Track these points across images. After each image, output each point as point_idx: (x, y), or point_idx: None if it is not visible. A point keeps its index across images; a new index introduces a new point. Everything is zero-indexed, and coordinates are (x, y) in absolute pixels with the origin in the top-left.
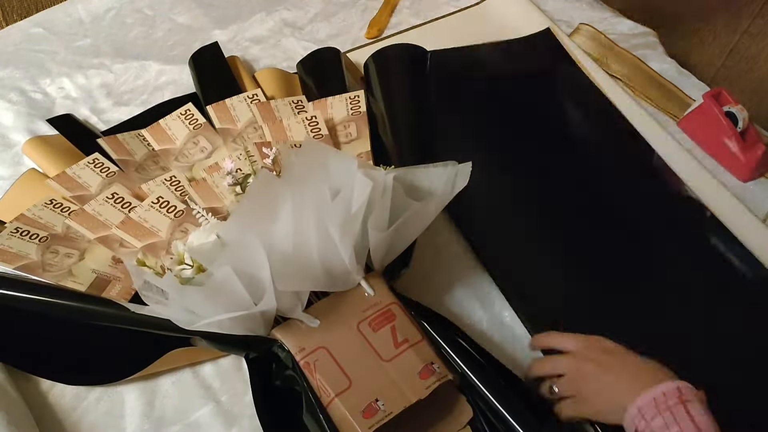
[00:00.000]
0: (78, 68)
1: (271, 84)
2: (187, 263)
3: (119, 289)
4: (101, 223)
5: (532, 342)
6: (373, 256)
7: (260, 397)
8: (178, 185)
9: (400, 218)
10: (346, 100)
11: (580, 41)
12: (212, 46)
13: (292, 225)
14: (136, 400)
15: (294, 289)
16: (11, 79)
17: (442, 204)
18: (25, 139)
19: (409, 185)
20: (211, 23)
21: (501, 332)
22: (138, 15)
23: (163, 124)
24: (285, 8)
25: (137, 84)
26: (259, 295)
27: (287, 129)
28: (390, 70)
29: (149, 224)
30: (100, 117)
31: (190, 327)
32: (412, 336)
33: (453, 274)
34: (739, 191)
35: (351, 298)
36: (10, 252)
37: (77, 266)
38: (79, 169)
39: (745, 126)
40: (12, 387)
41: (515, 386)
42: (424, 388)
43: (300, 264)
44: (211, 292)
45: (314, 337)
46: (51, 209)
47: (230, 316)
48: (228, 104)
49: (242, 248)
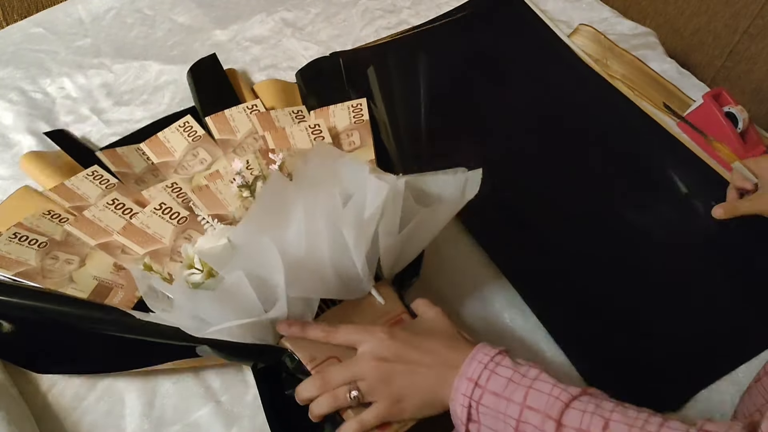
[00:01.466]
0: (78, 68)
1: (271, 95)
2: (196, 267)
3: (122, 297)
4: (102, 229)
5: (283, 330)
6: (383, 263)
7: (271, 409)
8: (180, 192)
9: (411, 223)
10: (348, 109)
11: (580, 41)
12: (210, 58)
13: (305, 229)
14: (136, 399)
15: (306, 296)
16: (11, 79)
17: (453, 211)
18: (25, 139)
19: (418, 192)
20: (212, 23)
21: (511, 337)
22: (138, 15)
23: (161, 137)
24: (285, 9)
25: (137, 84)
26: (270, 302)
27: (290, 137)
28: (390, 75)
29: (152, 230)
30: (101, 117)
31: (199, 335)
32: None
33: (459, 282)
34: None
35: (361, 306)
36: (8, 258)
37: (78, 273)
38: (78, 180)
39: (745, 126)
40: (12, 387)
41: None
42: None
43: (312, 269)
44: (223, 297)
45: (324, 347)
46: (49, 219)
47: (241, 323)
48: (227, 115)
49: (256, 252)
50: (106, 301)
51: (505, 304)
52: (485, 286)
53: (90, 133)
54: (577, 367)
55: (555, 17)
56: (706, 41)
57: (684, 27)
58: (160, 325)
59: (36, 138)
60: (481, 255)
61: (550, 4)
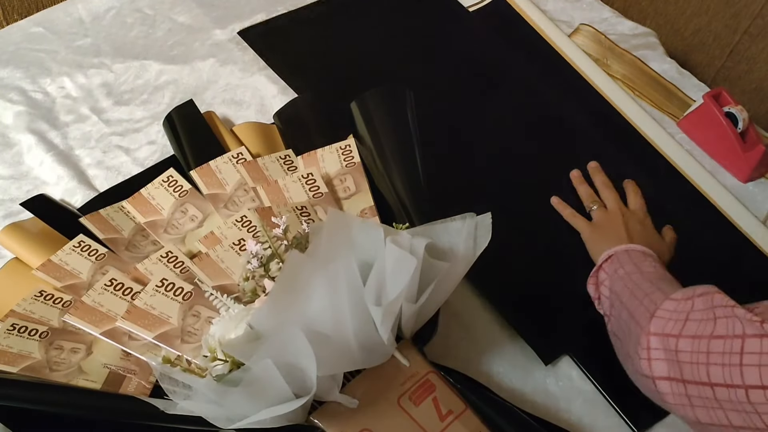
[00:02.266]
0: (78, 68)
1: (252, 138)
2: (220, 359)
3: (136, 384)
4: (104, 315)
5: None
6: (403, 327)
7: None
8: (177, 261)
9: (431, 285)
10: (337, 151)
11: (580, 41)
12: (188, 104)
13: (329, 306)
14: None
15: (333, 372)
16: (11, 79)
17: (469, 264)
18: (25, 139)
19: (430, 245)
20: (212, 23)
21: (533, 388)
22: (138, 14)
23: (145, 194)
24: (285, 9)
25: (137, 83)
26: (298, 384)
27: (284, 190)
28: (373, 115)
29: (157, 311)
30: (101, 116)
31: (229, 426)
32: (456, 406)
33: (473, 333)
34: (739, 192)
35: (386, 371)
36: (10, 353)
37: (87, 362)
38: (65, 254)
39: (745, 126)
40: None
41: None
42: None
43: (338, 345)
44: (252, 390)
45: (356, 419)
46: (42, 302)
47: (274, 414)
48: (213, 167)
49: (282, 339)
50: (120, 389)
51: (533, 360)
52: (511, 344)
53: (90, 133)
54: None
55: (555, 17)
56: (707, 41)
57: (684, 27)
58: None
59: (36, 137)
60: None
61: (550, 4)
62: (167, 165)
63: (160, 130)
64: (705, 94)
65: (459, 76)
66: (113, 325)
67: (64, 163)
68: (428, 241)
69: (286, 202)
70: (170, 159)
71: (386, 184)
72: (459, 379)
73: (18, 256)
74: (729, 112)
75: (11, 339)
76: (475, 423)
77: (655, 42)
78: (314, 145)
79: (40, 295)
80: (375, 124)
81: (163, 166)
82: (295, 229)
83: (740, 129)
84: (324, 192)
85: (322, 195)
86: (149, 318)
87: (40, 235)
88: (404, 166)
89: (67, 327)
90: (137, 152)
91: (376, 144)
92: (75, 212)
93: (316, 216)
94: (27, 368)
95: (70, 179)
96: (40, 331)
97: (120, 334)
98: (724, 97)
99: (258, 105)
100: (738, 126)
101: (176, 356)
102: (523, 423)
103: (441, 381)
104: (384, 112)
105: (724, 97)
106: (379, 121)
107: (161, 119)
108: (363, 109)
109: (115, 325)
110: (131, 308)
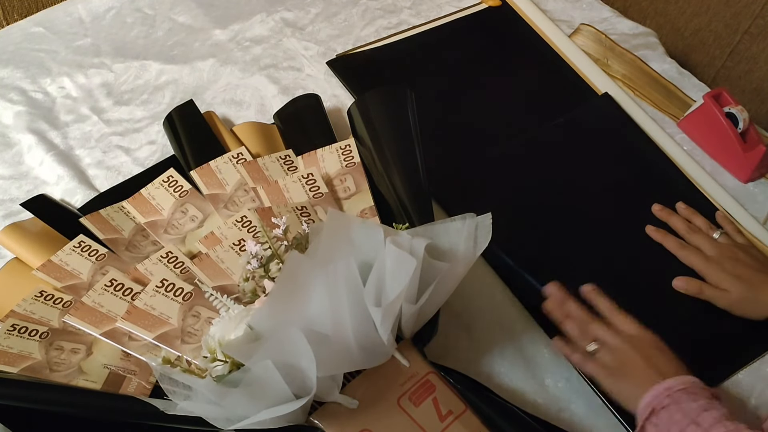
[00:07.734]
0: (78, 68)
1: (252, 139)
2: (219, 359)
3: (136, 385)
4: (104, 316)
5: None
6: (403, 327)
7: None
8: (177, 261)
9: (431, 285)
10: (337, 151)
11: (580, 41)
12: (188, 104)
13: (329, 307)
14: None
15: (333, 373)
16: (11, 79)
17: (469, 264)
18: (25, 139)
19: (430, 245)
20: (212, 23)
21: (533, 388)
22: (138, 14)
23: (145, 194)
24: (286, 8)
25: (137, 83)
26: (297, 384)
27: (284, 190)
28: (373, 115)
29: (157, 311)
30: (101, 116)
31: (229, 427)
32: (456, 407)
33: (473, 333)
34: (740, 192)
35: (386, 371)
36: (10, 353)
37: (87, 362)
38: (66, 255)
39: (745, 127)
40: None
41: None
42: None
43: (338, 346)
44: (252, 391)
45: (356, 420)
46: (42, 302)
47: (274, 415)
48: (213, 167)
49: (282, 340)
50: (120, 390)
51: (537, 361)
52: (511, 342)
53: (90, 133)
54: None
55: (555, 17)
56: (707, 41)
57: (684, 27)
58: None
59: (36, 137)
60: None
61: (550, 4)
62: (167, 165)
63: (160, 130)
64: (705, 95)
65: (459, 76)
66: (113, 326)
67: (64, 163)
68: (428, 242)
69: (286, 202)
70: (170, 159)
71: (386, 184)
72: (459, 379)
73: (18, 256)
74: (729, 113)
75: (11, 339)
76: (475, 423)
77: (656, 42)
78: (314, 145)
79: (40, 296)
80: (375, 124)
81: (163, 166)
82: (295, 230)
83: (740, 129)
84: (324, 192)
85: (322, 195)
86: (149, 318)
87: (40, 235)
88: (404, 166)
89: (67, 327)
90: (137, 152)
91: (376, 144)
92: (75, 212)
93: (316, 216)
94: (27, 369)
95: (70, 179)
96: (41, 331)
97: (120, 334)
98: (725, 98)
99: (258, 105)
100: (738, 126)
101: (176, 357)
102: (523, 423)
103: (441, 381)
104: (384, 112)
105: (725, 98)
106: (379, 121)
107: (161, 119)
108: (363, 110)
109: (115, 325)
110: (131, 309)
